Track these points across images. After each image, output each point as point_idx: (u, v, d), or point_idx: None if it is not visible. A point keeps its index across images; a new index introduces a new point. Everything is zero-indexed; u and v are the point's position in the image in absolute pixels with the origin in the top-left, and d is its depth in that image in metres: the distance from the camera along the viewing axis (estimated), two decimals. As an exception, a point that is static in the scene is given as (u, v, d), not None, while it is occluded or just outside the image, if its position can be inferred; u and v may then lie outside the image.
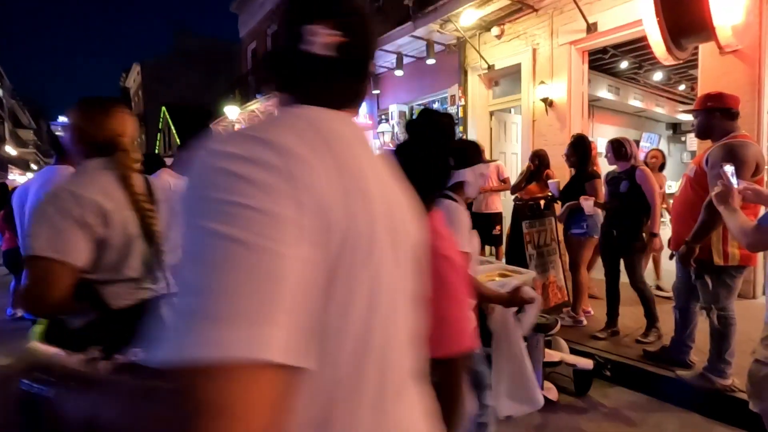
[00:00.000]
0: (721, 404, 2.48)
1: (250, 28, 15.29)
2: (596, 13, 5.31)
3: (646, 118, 11.20)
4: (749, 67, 4.22)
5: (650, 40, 3.80)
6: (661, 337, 3.27)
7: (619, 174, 3.29)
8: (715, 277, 2.38)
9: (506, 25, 6.43)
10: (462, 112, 7.22)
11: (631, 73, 8.66)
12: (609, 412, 2.62)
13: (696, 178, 2.40)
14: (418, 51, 7.67)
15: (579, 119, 5.92)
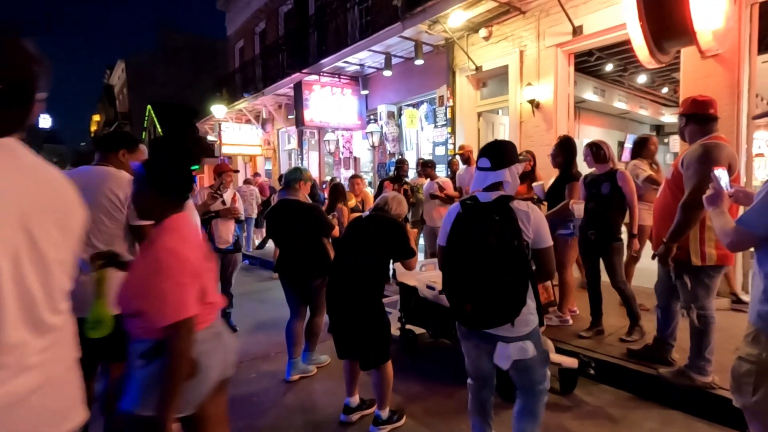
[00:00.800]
0: (702, 401, 2.54)
1: (238, 27, 15.15)
2: (582, 16, 5.38)
3: (630, 120, 11.39)
4: (729, 71, 4.32)
5: (633, 44, 3.86)
6: (644, 336, 3.33)
7: (598, 176, 3.34)
8: (694, 277, 2.44)
9: (494, 27, 6.48)
10: (450, 112, 7.25)
11: (615, 75, 8.81)
12: (592, 410, 2.66)
13: (673, 179, 2.46)
14: (407, 51, 7.68)
15: (565, 121, 6.00)
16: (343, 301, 2.40)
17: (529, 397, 1.88)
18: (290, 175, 3.24)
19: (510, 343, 1.73)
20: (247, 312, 4.86)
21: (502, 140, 2.01)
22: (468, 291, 1.73)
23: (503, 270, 1.69)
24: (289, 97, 10.80)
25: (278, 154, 12.96)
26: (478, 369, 1.94)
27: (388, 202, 2.53)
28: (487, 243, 1.69)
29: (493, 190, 1.83)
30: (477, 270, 1.71)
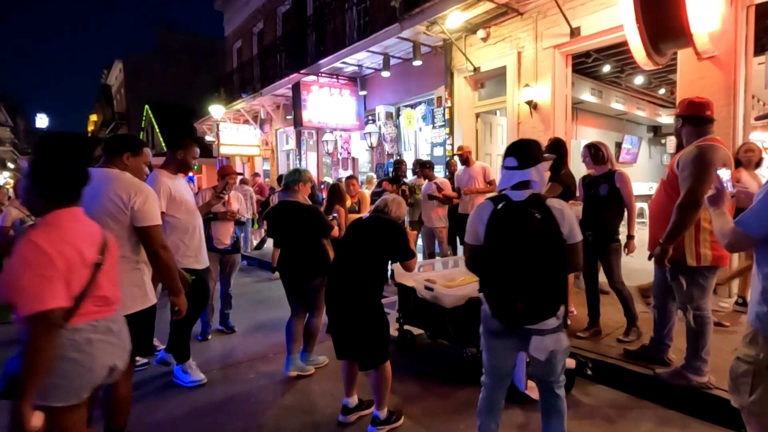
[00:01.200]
0: (699, 401, 2.55)
1: (236, 27, 15.15)
2: (579, 17, 5.40)
3: (627, 121, 11.43)
4: (724, 72, 4.34)
5: (631, 45, 3.88)
6: (641, 336, 3.34)
7: (596, 177, 3.35)
8: (689, 278, 2.45)
9: (492, 28, 6.50)
10: (448, 113, 7.27)
11: (613, 76, 8.84)
12: (589, 410, 2.67)
13: (669, 181, 2.48)
14: (405, 52, 7.70)
15: (563, 122, 6.02)
16: (343, 302, 2.41)
17: (553, 391, 1.92)
18: (290, 176, 3.27)
19: (545, 335, 1.77)
20: (246, 313, 4.85)
21: (527, 139, 2.02)
22: (518, 290, 1.74)
23: (550, 265, 1.74)
24: (287, 97, 10.81)
25: (276, 154, 12.95)
26: (501, 368, 1.96)
27: (388, 204, 2.55)
28: (533, 240, 1.73)
29: (522, 189, 1.85)
30: (525, 267, 1.74)
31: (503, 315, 1.80)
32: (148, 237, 2.04)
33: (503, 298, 1.79)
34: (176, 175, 2.97)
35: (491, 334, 1.92)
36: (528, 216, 1.75)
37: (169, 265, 2.13)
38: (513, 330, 1.83)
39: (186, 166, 3.00)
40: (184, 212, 2.91)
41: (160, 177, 2.83)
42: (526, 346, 1.83)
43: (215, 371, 3.32)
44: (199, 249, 3.04)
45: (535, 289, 1.74)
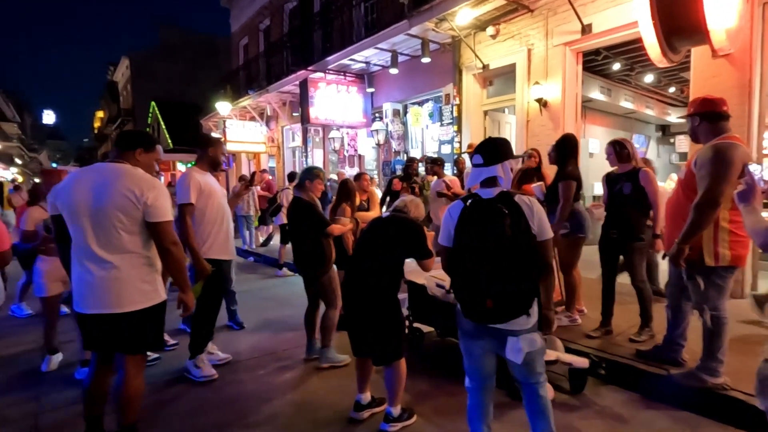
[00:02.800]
0: (713, 402, 2.52)
1: (242, 23, 15.14)
2: (591, 14, 5.35)
3: (635, 120, 11.32)
4: (739, 70, 4.29)
5: (645, 43, 3.83)
6: (653, 336, 3.31)
7: (620, 175, 3.29)
8: (706, 278, 2.41)
9: (501, 25, 6.45)
10: (456, 111, 7.23)
11: (622, 74, 8.75)
12: (602, 410, 2.64)
13: (686, 179, 2.43)
14: (413, 49, 7.66)
15: (572, 120, 5.97)
16: (360, 300, 2.41)
17: (534, 391, 1.89)
18: (302, 173, 3.42)
19: (520, 336, 1.75)
20: (253, 309, 4.86)
21: (495, 137, 2.02)
22: (487, 286, 1.72)
23: (519, 262, 1.71)
24: (293, 94, 10.80)
25: (282, 151, 12.96)
26: (481, 369, 1.94)
27: (407, 205, 2.55)
28: (502, 236, 1.70)
29: (490, 186, 1.86)
30: (494, 264, 1.71)
31: (474, 313, 1.78)
32: (160, 233, 2.03)
33: (473, 296, 1.76)
34: (206, 172, 3.13)
35: (466, 335, 1.91)
36: (496, 212, 1.73)
37: (179, 261, 2.12)
38: (486, 330, 1.81)
39: (217, 163, 3.18)
40: (213, 205, 3.06)
41: (191, 172, 3.03)
42: (501, 347, 1.81)
43: (225, 367, 3.32)
44: (227, 240, 3.17)
45: (506, 286, 1.71)
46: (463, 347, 1.95)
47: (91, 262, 1.95)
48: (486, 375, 1.95)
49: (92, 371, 2.14)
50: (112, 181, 1.96)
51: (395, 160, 8.82)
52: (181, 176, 3.09)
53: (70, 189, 1.99)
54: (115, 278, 1.95)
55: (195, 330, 3.12)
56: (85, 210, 1.94)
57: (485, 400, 1.98)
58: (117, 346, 2.04)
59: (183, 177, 3.02)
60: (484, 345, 1.88)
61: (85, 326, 2.05)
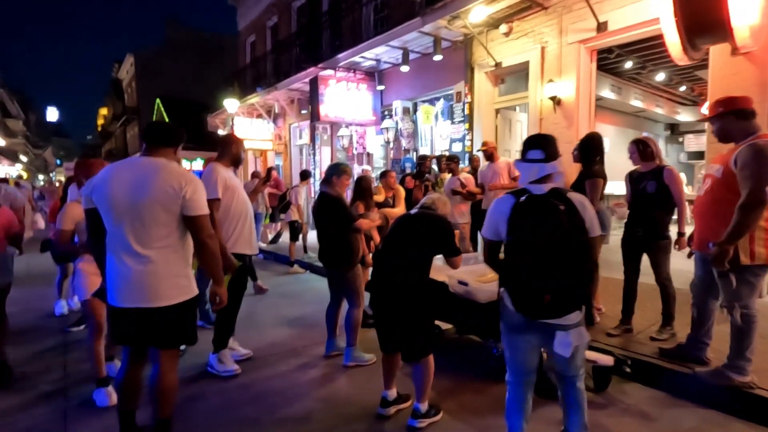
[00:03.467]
0: (740, 401, 2.51)
1: (249, 21, 15.13)
2: (607, 11, 5.32)
3: (645, 118, 11.31)
4: (759, 68, 4.26)
5: (666, 40, 3.81)
6: (675, 335, 3.31)
7: (644, 173, 3.28)
8: (740, 276, 2.40)
9: (514, 23, 6.43)
10: (468, 109, 7.22)
11: (633, 73, 8.73)
12: (628, 408, 2.64)
13: (724, 178, 2.40)
14: (424, 47, 7.65)
15: (586, 118, 5.95)
16: (388, 297, 2.42)
17: (573, 384, 1.92)
18: (328, 170, 3.44)
19: (569, 330, 1.78)
20: (268, 306, 4.87)
21: (546, 134, 2.06)
22: (545, 281, 1.73)
23: (575, 257, 1.74)
24: (302, 92, 10.79)
25: (289, 149, 12.96)
26: (525, 363, 1.95)
27: (435, 202, 2.56)
28: (560, 231, 1.72)
29: (542, 183, 1.86)
30: (552, 259, 1.73)
31: (529, 308, 1.79)
32: (197, 226, 2.04)
33: (530, 291, 1.77)
34: (229, 168, 3.15)
35: (513, 329, 1.91)
36: (553, 208, 1.74)
37: (215, 254, 2.13)
38: (535, 325, 1.82)
39: (238, 159, 3.21)
40: (238, 200, 3.08)
41: (216, 167, 3.02)
42: (548, 342, 1.83)
43: (246, 363, 3.33)
44: (251, 235, 3.20)
45: (562, 281, 1.73)
46: (508, 342, 1.96)
47: (128, 256, 1.96)
48: (529, 370, 1.96)
49: (125, 366, 2.15)
50: (151, 176, 1.96)
51: (405, 158, 8.81)
52: (206, 171, 3.07)
53: (108, 183, 1.99)
54: (152, 272, 1.96)
55: (219, 324, 3.13)
56: (125, 204, 1.94)
57: (526, 394, 1.98)
58: (152, 340, 2.05)
59: (209, 172, 3.00)
60: (530, 339, 1.89)
61: (119, 320, 2.05)
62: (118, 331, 2.09)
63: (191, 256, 2.13)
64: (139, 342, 2.09)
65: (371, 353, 3.33)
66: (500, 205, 1.89)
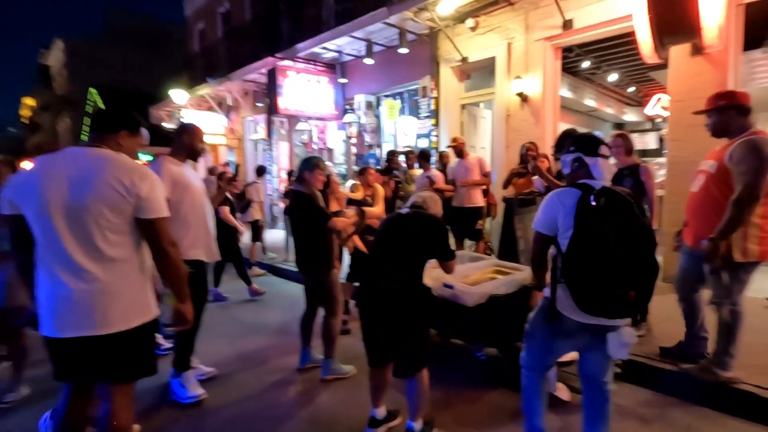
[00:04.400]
0: (730, 397, 2.53)
1: (198, 7, 14.20)
2: (573, 9, 5.37)
3: (596, 118, 11.79)
4: (718, 69, 4.43)
5: (638, 38, 3.85)
6: (651, 331, 3.34)
7: (621, 169, 3.27)
8: (732, 273, 2.41)
9: (481, 18, 6.37)
10: (435, 104, 7.09)
11: (588, 73, 9.01)
12: (622, 410, 2.58)
13: (718, 174, 2.40)
14: (389, 39, 7.43)
15: (551, 116, 6.01)
16: (379, 304, 2.18)
17: (605, 392, 1.89)
18: (300, 165, 3.14)
19: (621, 330, 1.73)
20: (229, 313, 4.47)
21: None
22: (632, 276, 1.65)
23: (649, 253, 1.66)
24: (257, 83, 10.23)
25: (244, 144, 12.30)
26: (554, 362, 1.99)
27: (426, 201, 2.34)
28: (640, 228, 1.66)
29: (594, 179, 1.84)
30: (637, 255, 1.64)
31: (607, 307, 1.67)
32: (155, 232, 1.68)
33: (612, 288, 1.64)
34: (184, 163, 2.70)
35: (559, 334, 1.84)
36: (628, 204, 1.67)
37: (179, 266, 1.78)
38: (589, 328, 1.75)
39: (194, 151, 2.76)
40: (192, 199, 2.65)
41: (164, 162, 2.59)
42: (594, 345, 1.78)
43: (212, 383, 2.96)
44: (209, 239, 2.77)
45: (645, 277, 1.66)
46: (545, 345, 1.90)
47: (66, 272, 1.56)
48: (552, 365, 2.01)
49: (65, 404, 1.75)
50: (94, 171, 1.58)
51: (368, 154, 8.57)
52: (151, 167, 2.56)
53: (35, 181, 1.57)
54: (100, 291, 1.58)
55: (180, 342, 2.74)
56: (60, 207, 1.55)
57: (542, 388, 2.00)
58: (103, 374, 1.67)
59: (154, 168, 2.53)
60: (575, 344, 1.85)
61: (59, 353, 1.64)
62: (60, 367, 1.68)
63: (149, 268, 1.77)
64: (86, 377, 1.70)
65: (350, 364, 3.09)
66: (561, 199, 1.77)
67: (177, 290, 1.84)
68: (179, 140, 2.74)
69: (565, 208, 1.72)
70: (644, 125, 12.66)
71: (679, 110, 4.75)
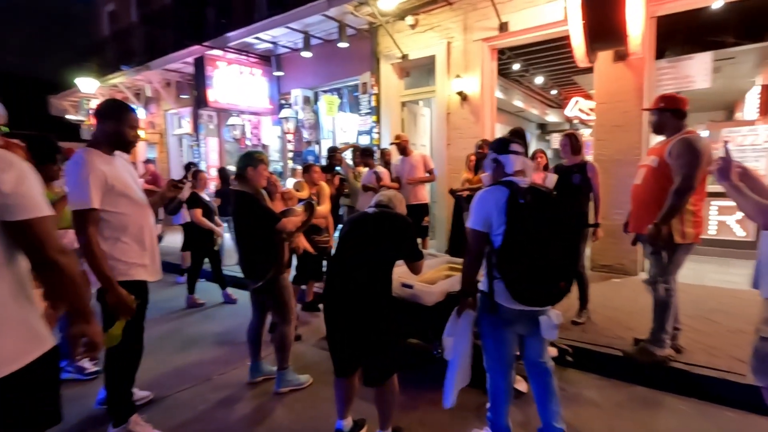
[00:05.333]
0: (667, 376, 2.75)
1: (107, -14, 12.75)
2: (509, 12, 5.58)
3: (523, 118, 12.52)
4: (636, 75, 4.87)
5: (573, 42, 4.08)
6: (590, 317, 3.57)
7: (570, 167, 3.45)
8: (671, 254, 2.66)
9: (421, 16, 6.41)
10: (375, 101, 7.02)
11: (517, 75, 9.52)
12: (573, 396, 2.70)
13: (659, 168, 2.64)
14: (327, 33, 7.22)
15: (489, 115, 6.22)
16: (344, 308, 2.04)
17: (548, 372, 2.05)
18: (240, 161, 2.84)
19: (549, 313, 1.90)
20: (161, 326, 4.04)
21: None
22: (560, 268, 1.82)
23: (575, 244, 1.89)
24: (181, 73, 9.46)
25: (166, 139, 11.31)
26: (510, 354, 2.02)
27: (392, 200, 2.25)
28: (562, 221, 1.83)
29: (520, 176, 1.96)
30: (565, 247, 1.82)
31: (535, 297, 1.84)
32: (34, 237, 1.25)
33: (546, 279, 1.81)
34: (112, 155, 2.18)
35: (503, 324, 1.94)
36: (553, 199, 1.86)
37: (73, 277, 1.34)
38: (524, 315, 1.90)
39: (124, 141, 2.19)
40: (130, 205, 2.16)
41: (88, 156, 2.04)
42: (531, 330, 1.95)
43: (150, 407, 2.62)
44: (153, 255, 2.30)
45: (573, 266, 1.89)
46: (496, 337, 1.98)
47: None
48: (512, 360, 2.05)
49: None
50: None
51: (306, 150, 8.29)
52: (70, 163, 2.06)
53: None
54: None
55: (113, 387, 2.26)
56: None
57: (511, 383, 2.07)
58: None
59: (75, 165, 2.01)
60: (516, 330, 1.97)
61: None
62: None
63: (30, 286, 1.32)
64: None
65: (305, 373, 2.91)
66: (493, 196, 1.87)
67: (76, 308, 1.41)
68: (103, 124, 2.17)
69: (497, 206, 1.83)
70: (564, 126, 13.71)
71: (603, 112, 5.15)
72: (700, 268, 4.99)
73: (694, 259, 5.22)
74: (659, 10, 4.71)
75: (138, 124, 2.31)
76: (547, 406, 2.03)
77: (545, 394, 2.04)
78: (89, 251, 1.98)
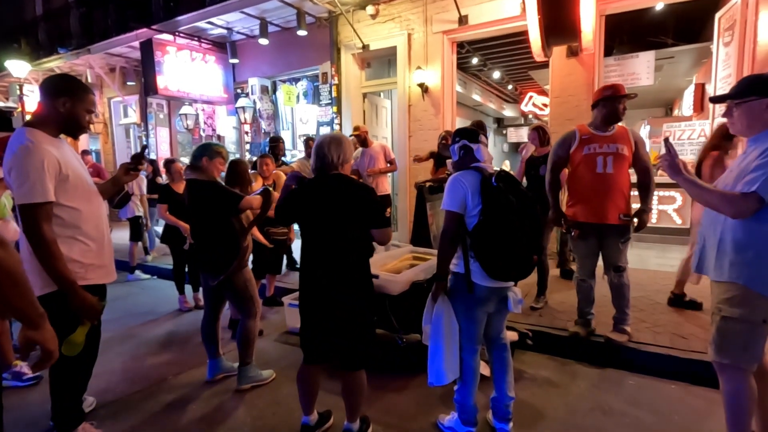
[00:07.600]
0: (617, 354, 2.92)
1: (39, -40, 11.66)
2: (468, 6, 5.65)
3: (480, 112, 12.81)
4: (587, 70, 5.09)
5: (530, 37, 4.19)
6: (547, 302, 3.72)
7: (538, 158, 3.56)
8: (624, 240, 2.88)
9: (381, 6, 6.35)
10: (336, 91, 6.91)
11: (476, 70, 9.70)
12: (532, 377, 2.80)
13: (630, 156, 2.87)
14: (285, 20, 7.00)
15: (450, 107, 6.29)
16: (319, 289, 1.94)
17: (505, 346, 2.20)
18: (196, 151, 2.70)
19: (513, 290, 2.04)
20: (114, 326, 3.79)
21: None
22: (530, 244, 1.96)
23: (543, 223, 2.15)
24: (127, 58, 8.88)
25: (111, 129, 10.61)
26: (481, 333, 2.12)
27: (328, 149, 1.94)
28: (528, 204, 1.97)
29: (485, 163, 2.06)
30: (529, 228, 1.95)
31: (509, 273, 1.94)
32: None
33: (520, 255, 1.93)
34: (59, 139, 1.93)
35: (477, 303, 2.00)
36: (518, 184, 2.02)
37: (13, 272, 1.07)
38: (495, 292, 2.00)
39: (76, 125, 1.93)
40: (84, 197, 1.92)
41: (36, 139, 1.77)
42: (499, 306, 2.06)
43: (100, 413, 2.44)
44: (110, 254, 2.07)
45: (538, 242, 2.19)
46: (470, 316, 2.03)
47: None
48: (482, 340, 2.15)
49: None
50: None
51: (265, 141, 8.03)
52: (18, 150, 1.72)
53: None
54: None
55: (61, 395, 2.04)
56: None
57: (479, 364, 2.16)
58: None
59: (24, 152, 1.71)
60: (488, 307, 2.04)
61: None
62: None
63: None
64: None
65: (267, 368, 2.84)
66: (464, 180, 1.95)
67: (21, 311, 1.15)
68: (52, 103, 1.86)
69: (472, 188, 1.93)
70: (519, 120, 14.17)
71: (557, 105, 5.36)
72: (644, 253, 5.33)
73: (638, 245, 5.62)
74: (607, 9, 4.94)
75: (95, 109, 2.06)
76: (504, 378, 2.16)
77: (503, 367, 2.18)
78: (46, 252, 1.71)
